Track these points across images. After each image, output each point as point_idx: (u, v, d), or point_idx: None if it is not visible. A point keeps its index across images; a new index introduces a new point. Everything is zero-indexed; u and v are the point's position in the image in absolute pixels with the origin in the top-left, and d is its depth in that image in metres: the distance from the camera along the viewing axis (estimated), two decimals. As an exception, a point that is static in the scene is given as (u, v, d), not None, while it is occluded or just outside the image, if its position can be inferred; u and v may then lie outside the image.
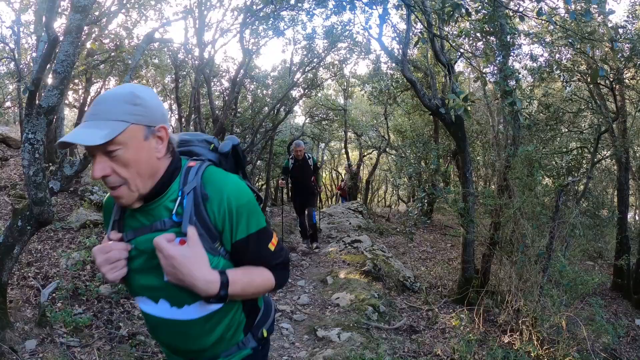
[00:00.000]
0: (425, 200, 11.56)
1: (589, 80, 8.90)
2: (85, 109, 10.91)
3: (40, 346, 3.52)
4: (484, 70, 7.48)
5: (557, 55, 8.89)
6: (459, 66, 12.29)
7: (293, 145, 9.15)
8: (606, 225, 9.02)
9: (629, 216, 10.17)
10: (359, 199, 18.05)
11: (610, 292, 8.98)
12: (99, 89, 12.60)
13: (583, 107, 10.16)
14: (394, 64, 11.19)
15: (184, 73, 11.38)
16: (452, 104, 3.86)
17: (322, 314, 5.59)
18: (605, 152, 10.60)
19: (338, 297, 5.98)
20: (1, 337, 3.33)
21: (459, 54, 8.32)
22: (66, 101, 12.64)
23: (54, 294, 4.27)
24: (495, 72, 6.74)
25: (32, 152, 3.31)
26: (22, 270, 4.70)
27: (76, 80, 10.06)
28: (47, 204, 3.48)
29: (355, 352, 4.30)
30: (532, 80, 9.35)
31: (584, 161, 10.30)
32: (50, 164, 4.01)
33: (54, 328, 3.77)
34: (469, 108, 3.71)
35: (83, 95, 11.03)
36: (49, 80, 3.55)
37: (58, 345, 3.58)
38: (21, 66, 7.63)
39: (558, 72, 8.69)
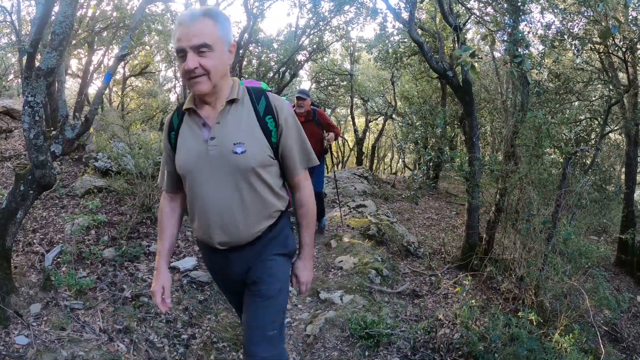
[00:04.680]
0: (431, 164, 11.46)
1: (600, 47, 8.67)
2: (88, 78, 10.83)
3: (45, 309, 3.55)
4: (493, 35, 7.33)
5: (570, 24, 8.64)
6: (468, 33, 12.04)
7: None
8: (612, 200, 8.93)
9: (636, 193, 10.02)
10: (364, 165, 18.02)
11: (613, 268, 8.96)
12: (101, 57, 12.48)
13: (594, 78, 9.95)
14: (400, 25, 10.95)
15: (188, 39, 11.22)
16: (459, 61, 3.77)
17: (325, 276, 5.62)
18: (614, 126, 10.41)
19: (341, 261, 5.99)
20: (6, 302, 3.35)
21: (468, 16, 8.12)
22: (69, 71, 12.55)
23: (58, 259, 4.30)
24: (505, 37, 6.59)
25: (32, 115, 3.28)
26: (27, 237, 4.72)
27: (79, 50, 9.95)
28: (49, 167, 3.46)
29: (357, 315, 4.32)
30: (542, 48, 9.13)
31: (592, 133, 10.14)
32: (52, 129, 3.97)
33: (58, 292, 3.80)
34: (476, 64, 3.62)
35: (85, 63, 10.94)
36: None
37: (62, 308, 3.62)
38: (22, 37, 7.54)
39: (570, 40, 8.47)
